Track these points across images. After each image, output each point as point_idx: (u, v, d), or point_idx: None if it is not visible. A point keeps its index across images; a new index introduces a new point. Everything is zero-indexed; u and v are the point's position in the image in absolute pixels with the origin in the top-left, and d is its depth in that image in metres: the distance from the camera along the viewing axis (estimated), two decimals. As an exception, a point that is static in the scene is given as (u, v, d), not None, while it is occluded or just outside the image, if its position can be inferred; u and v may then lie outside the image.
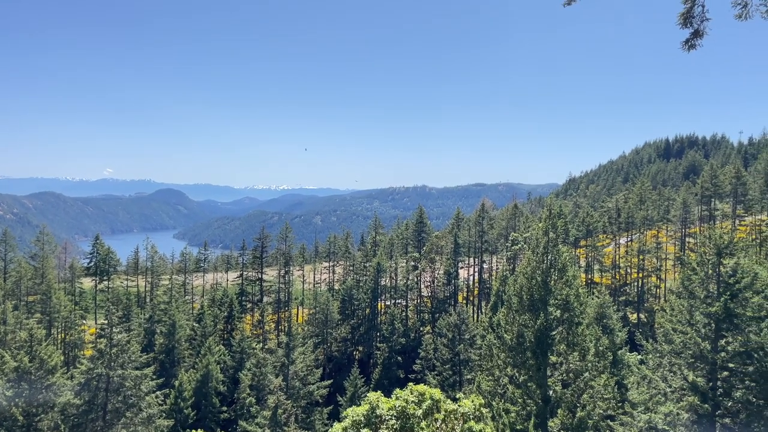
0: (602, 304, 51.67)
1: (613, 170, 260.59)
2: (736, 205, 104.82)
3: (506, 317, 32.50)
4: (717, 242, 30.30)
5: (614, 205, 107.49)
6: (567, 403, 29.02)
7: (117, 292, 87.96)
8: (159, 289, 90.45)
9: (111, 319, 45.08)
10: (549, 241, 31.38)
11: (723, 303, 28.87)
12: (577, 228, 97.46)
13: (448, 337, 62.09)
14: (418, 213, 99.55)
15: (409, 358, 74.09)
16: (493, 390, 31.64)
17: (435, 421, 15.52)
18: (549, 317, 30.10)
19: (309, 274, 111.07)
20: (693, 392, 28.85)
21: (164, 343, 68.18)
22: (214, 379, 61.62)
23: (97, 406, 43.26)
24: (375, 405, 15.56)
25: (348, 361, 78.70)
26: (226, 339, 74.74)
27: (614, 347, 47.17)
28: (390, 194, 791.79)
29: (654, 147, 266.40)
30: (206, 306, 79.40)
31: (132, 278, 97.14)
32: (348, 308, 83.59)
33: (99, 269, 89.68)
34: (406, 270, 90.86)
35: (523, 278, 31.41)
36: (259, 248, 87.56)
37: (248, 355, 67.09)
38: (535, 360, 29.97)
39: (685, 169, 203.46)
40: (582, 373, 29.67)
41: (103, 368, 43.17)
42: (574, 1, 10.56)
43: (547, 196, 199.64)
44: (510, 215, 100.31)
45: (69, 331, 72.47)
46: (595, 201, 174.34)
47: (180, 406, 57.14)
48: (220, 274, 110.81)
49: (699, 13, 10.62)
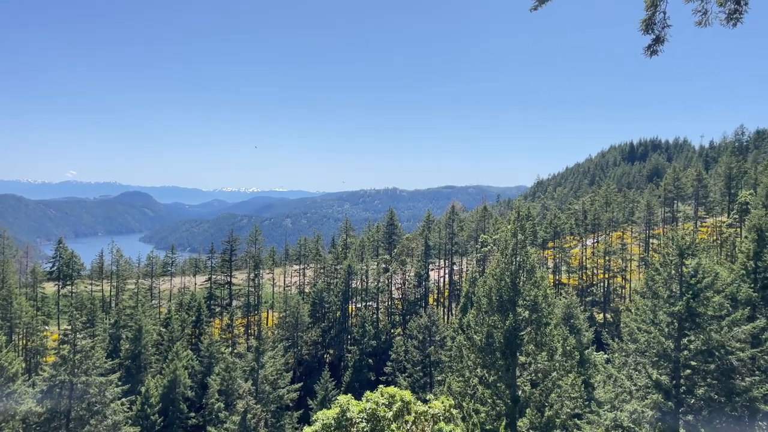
0: (569, 304, 52.52)
1: (579, 173, 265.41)
2: (698, 207, 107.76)
3: (476, 318, 32.76)
4: (679, 243, 31.06)
5: (581, 207, 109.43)
6: (535, 403, 29.38)
7: (81, 297, 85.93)
8: (125, 293, 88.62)
9: (74, 324, 43.96)
10: (517, 243, 31.76)
11: (685, 302, 29.59)
12: (545, 230, 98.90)
13: (419, 338, 62.30)
14: (389, 215, 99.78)
15: (380, 361, 74.08)
16: (463, 391, 31.84)
17: (405, 423, 15.55)
18: (518, 318, 30.45)
19: (279, 277, 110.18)
20: (657, 390, 29.49)
21: (130, 349, 66.80)
22: (181, 385, 60.62)
23: (60, 413, 42.13)
24: (345, 408, 15.53)
25: (319, 365, 78.30)
26: (194, 344, 73.61)
27: (581, 347, 47.99)
28: (361, 196, 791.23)
29: (619, 150, 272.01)
30: (174, 310, 78.08)
31: (96, 283, 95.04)
32: (319, 311, 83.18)
33: (62, 274, 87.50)
34: (377, 272, 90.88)
35: (493, 279, 31.71)
36: (228, 251, 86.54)
37: (217, 359, 66.19)
38: (504, 360, 30.28)
39: (649, 171, 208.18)
40: (550, 372, 30.08)
41: (67, 375, 42.09)
42: (541, 6, 10.71)
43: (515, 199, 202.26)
44: (480, 217, 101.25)
45: (31, 337, 70.54)
46: (562, 203, 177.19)
47: (147, 412, 56.03)
48: (188, 278, 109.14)
49: (661, 20, 10.87)
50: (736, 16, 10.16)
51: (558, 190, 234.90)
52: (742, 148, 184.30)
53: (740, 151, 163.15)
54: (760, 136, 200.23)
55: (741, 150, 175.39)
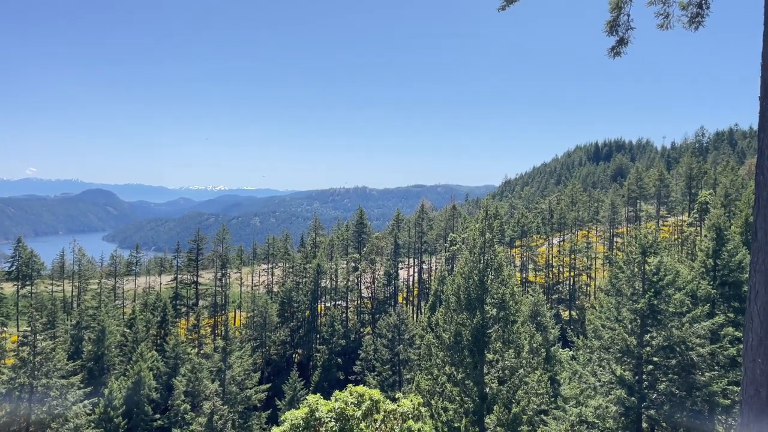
0: (536, 302, 53.25)
1: (546, 173, 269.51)
2: (660, 207, 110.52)
3: (444, 316, 32.95)
4: (642, 242, 31.77)
5: (547, 206, 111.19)
6: (503, 400, 29.71)
7: (41, 298, 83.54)
8: (87, 293, 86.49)
9: (34, 325, 42.73)
10: (485, 242, 32.05)
11: (648, 300, 30.29)
12: (513, 228, 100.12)
13: (388, 337, 62.41)
14: (359, 214, 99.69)
15: (349, 360, 73.96)
16: (431, 389, 32.00)
17: (374, 422, 15.54)
18: (485, 316, 30.73)
19: (247, 276, 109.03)
20: (620, 386, 30.12)
21: (93, 350, 65.25)
22: (146, 386, 59.47)
23: (20, 417, 40.89)
24: (314, 408, 15.44)
25: (287, 365, 77.76)
26: (159, 344, 72.25)
27: (547, 344, 48.74)
28: (330, 195, 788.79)
29: (585, 150, 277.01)
30: (138, 311, 76.53)
31: (57, 283, 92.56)
32: (287, 311, 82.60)
33: (21, 274, 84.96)
34: (346, 271, 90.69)
35: (461, 278, 31.94)
36: (195, 250, 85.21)
37: (183, 360, 65.11)
38: (472, 358, 30.53)
39: (613, 171, 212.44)
40: (517, 369, 30.45)
41: (26, 378, 40.90)
42: (509, 6, 10.81)
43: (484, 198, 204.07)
44: (449, 216, 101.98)
45: (-13, 339, 68.18)
46: (529, 202, 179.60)
47: (110, 415, 54.81)
48: (153, 278, 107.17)
49: (624, 22, 11.09)
50: (698, 20, 10.42)
51: (525, 190, 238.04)
52: (702, 149, 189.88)
53: (700, 152, 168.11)
54: (719, 137, 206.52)
55: (701, 151, 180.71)
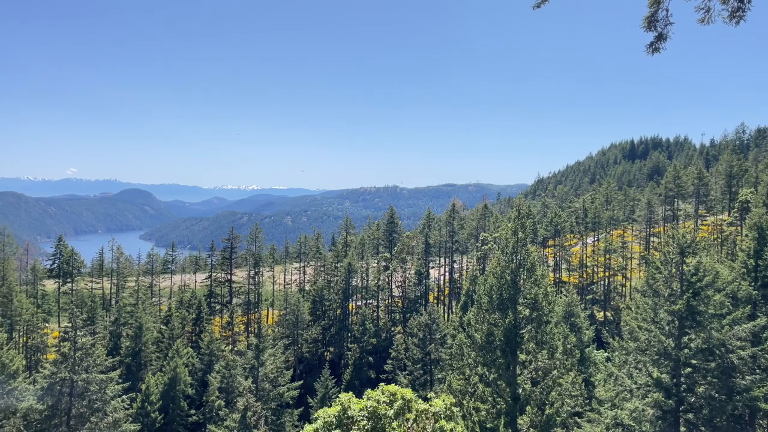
0: (570, 302, 52.52)
1: (580, 171, 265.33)
2: (699, 205, 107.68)
3: (476, 316, 32.76)
4: (680, 242, 31.03)
5: (581, 205, 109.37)
6: (536, 401, 29.39)
7: (81, 295, 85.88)
8: (125, 291, 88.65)
9: (75, 321, 43.98)
10: (518, 241, 31.73)
11: (686, 301, 29.58)
12: (546, 228, 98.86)
13: (419, 336, 62.30)
14: (389, 213, 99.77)
15: (380, 359, 74.10)
16: (463, 389, 31.85)
17: (406, 421, 15.53)
18: (518, 316, 30.45)
19: (279, 275, 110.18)
20: (657, 388, 29.49)
21: (130, 346, 66.84)
22: (182, 382, 60.67)
23: (61, 411, 42.16)
24: (346, 406, 15.51)
25: (319, 363, 78.32)
26: (194, 341, 73.62)
27: (582, 345, 48.02)
28: (361, 194, 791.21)
29: (620, 148, 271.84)
30: (174, 308, 78.09)
31: (97, 280, 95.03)
32: (319, 309, 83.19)
33: (62, 271, 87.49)
34: (377, 270, 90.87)
35: (493, 278, 31.70)
36: (228, 249, 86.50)
37: (217, 357, 66.23)
38: (505, 358, 30.28)
39: (650, 170, 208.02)
40: (550, 370, 30.08)
41: (67, 372, 42.11)
42: (544, 4, 10.68)
43: (516, 197, 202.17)
44: (480, 215, 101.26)
45: (31, 334, 70.56)
46: (562, 201, 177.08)
47: (147, 410, 56.08)
48: (189, 276, 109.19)
49: (663, 17, 10.84)
50: (739, 14, 10.12)
51: (558, 188, 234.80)
52: (743, 147, 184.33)
53: (741, 149, 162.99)
54: (761, 134, 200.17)
55: (742, 148, 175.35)
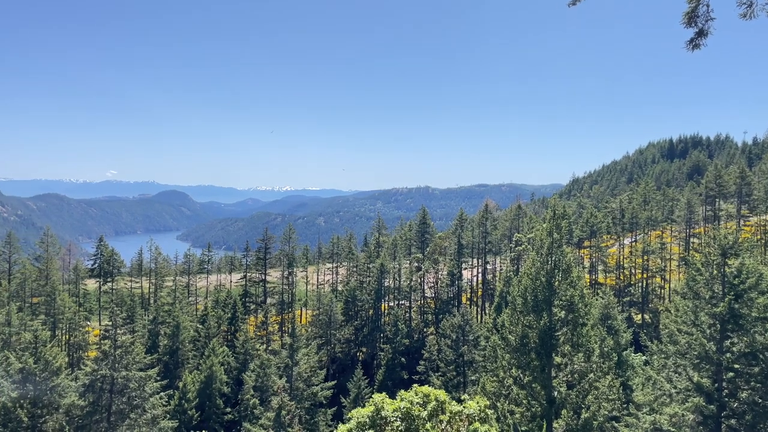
0: (607, 304, 51.61)
1: (616, 171, 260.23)
2: (741, 206, 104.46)
3: (510, 318, 32.44)
4: (722, 243, 30.19)
5: (618, 205, 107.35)
6: (572, 404, 28.95)
7: (121, 294, 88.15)
8: (163, 290, 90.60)
9: (115, 320, 45.17)
10: (553, 242, 31.32)
11: (728, 303, 28.76)
12: (581, 229, 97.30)
13: (452, 338, 62.01)
14: (422, 214, 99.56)
15: (412, 360, 74.01)
16: (497, 391, 31.58)
17: (440, 423, 15.49)
18: (553, 318, 30.04)
19: (312, 275, 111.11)
20: (698, 393, 28.75)
21: (168, 345, 68.26)
22: (218, 381, 61.69)
23: (102, 407, 43.33)
24: (380, 406, 15.55)
25: (352, 363, 78.66)
26: (229, 340, 74.78)
27: (619, 348, 47.13)
28: (393, 195, 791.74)
29: (658, 147, 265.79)
30: (210, 307, 79.49)
31: (136, 280, 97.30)
32: (351, 309, 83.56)
33: (103, 271, 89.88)
34: (409, 271, 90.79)
35: (527, 279, 31.35)
36: (263, 249, 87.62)
37: (252, 356, 67.13)
38: (540, 361, 29.91)
39: (689, 169, 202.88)
40: (587, 374, 29.60)
41: (108, 369, 43.25)
42: (579, 2, 10.54)
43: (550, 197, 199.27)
44: (513, 216, 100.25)
45: (73, 332, 72.65)
46: (598, 201, 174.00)
47: (184, 407, 57.20)
48: (224, 276, 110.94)
49: (704, 13, 10.58)
50: (785, 8, 9.81)
51: (594, 188, 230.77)
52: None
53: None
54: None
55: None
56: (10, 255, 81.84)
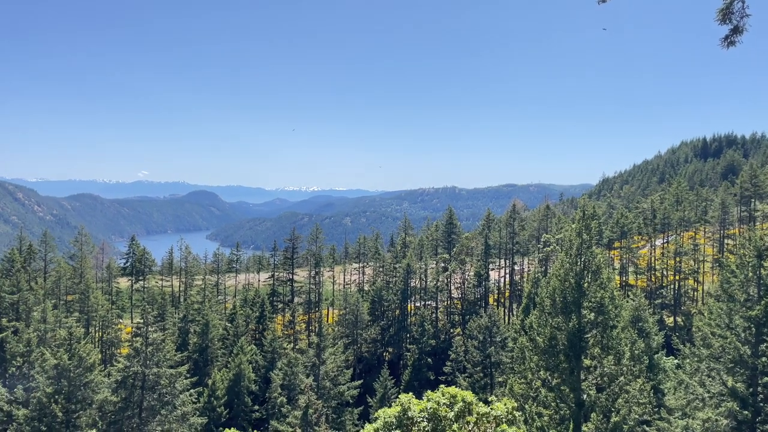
0: (638, 307, 50.73)
1: (648, 170, 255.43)
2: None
3: (538, 320, 32.12)
4: (757, 244, 29.44)
5: (650, 205, 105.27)
6: (601, 408, 28.54)
7: (152, 292, 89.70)
8: (192, 289, 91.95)
9: (146, 318, 46.05)
10: (582, 243, 30.92)
11: (764, 306, 28.04)
12: (611, 229, 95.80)
13: (479, 339, 61.66)
14: (448, 214, 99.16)
15: (439, 360, 73.82)
16: (525, 393, 31.30)
17: (467, 424, 15.43)
18: (582, 320, 29.65)
19: (339, 275, 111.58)
20: (732, 398, 28.08)
21: (198, 343, 69.30)
22: (246, 379, 62.38)
23: (134, 403, 44.20)
24: (406, 406, 15.56)
25: (378, 362, 78.80)
26: (257, 339, 75.59)
27: (650, 351, 46.28)
28: (419, 195, 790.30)
29: (691, 146, 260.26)
30: (238, 306, 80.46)
31: (166, 278, 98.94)
32: (378, 309, 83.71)
33: (135, 269, 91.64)
34: (435, 271, 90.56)
35: (556, 280, 31.01)
36: (290, 249, 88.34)
37: (279, 354, 67.76)
38: (569, 363, 29.56)
39: (724, 168, 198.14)
40: (617, 377, 29.15)
41: (139, 366, 44.11)
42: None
43: (579, 197, 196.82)
44: (542, 216, 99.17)
45: (106, 329, 74.24)
46: (629, 202, 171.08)
47: (213, 404, 58.01)
48: (252, 275, 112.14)
49: (739, 9, 10.36)
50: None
51: (625, 188, 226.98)
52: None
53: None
54: None
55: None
56: (45, 253, 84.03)
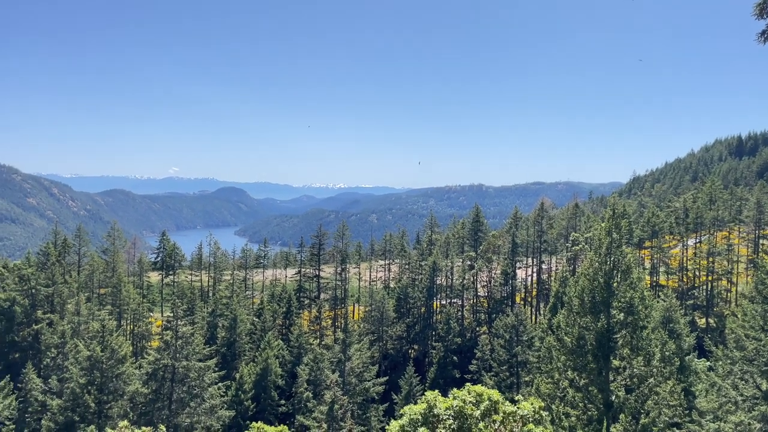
0: (669, 307, 49.84)
1: (680, 169, 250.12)
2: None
3: (566, 319, 31.77)
4: (795, 245, 28.67)
5: (682, 204, 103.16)
6: (630, 409, 28.12)
7: (182, 286, 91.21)
8: (221, 284, 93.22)
9: (176, 312, 46.89)
10: (612, 242, 30.46)
11: (802, 309, 27.28)
12: (642, 228, 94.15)
13: (505, 338, 61.26)
14: (475, 212, 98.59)
15: (464, 358, 73.55)
16: (552, 393, 31.00)
17: (493, 423, 15.36)
18: (611, 320, 29.23)
19: (365, 272, 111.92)
20: (766, 401, 27.40)
21: (226, 337, 70.26)
22: (273, 373, 63.06)
23: (164, 395, 45.05)
24: (432, 404, 15.56)
25: (403, 360, 78.87)
26: (284, 334, 76.33)
27: (681, 353, 45.42)
28: (446, 193, 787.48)
29: (725, 144, 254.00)
30: (266, 301, 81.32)
31: (196, 273, 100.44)
32: (403, 306, 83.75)
33: (165, 264, 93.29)
34: (462, 269, 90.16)
35: (585, 279, 30.62)
36: (317, 246, 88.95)
37: (305, 350, 68.29)
38: (597, 364, 29.18)
39: (759, 167, 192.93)
40: (646, 378, 28.67)
41: (169, 359, 44.92)
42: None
43: (609, 196, 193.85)
44: (570, 215, 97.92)
45: (137, 322, 75.70)
46: (661, 201, 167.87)
47: (240, 398, 58.79)
48: (279, 271, 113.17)
49: (779, 3, 10.08)
50: None
51: (656, 187, 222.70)
52: None
53: None
54: None
55: None
56: (79, 248, 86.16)
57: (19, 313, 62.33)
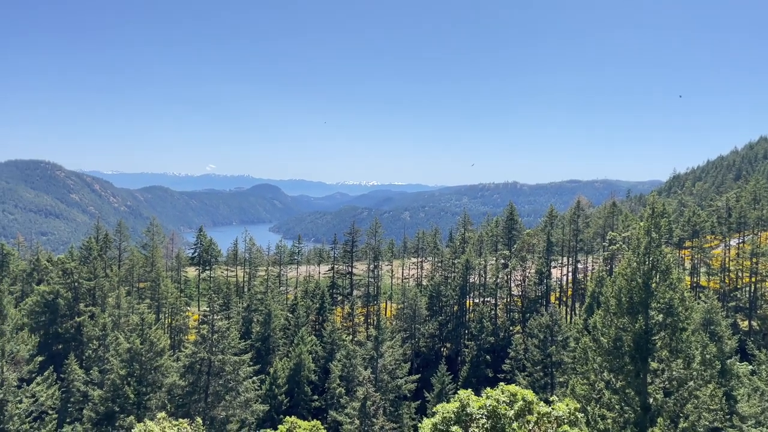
0: (710, 309, 48.54)
1: (723, 167, 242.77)
2: None
3: (603, 320, 31.22)
4: None
5: (724, 204, 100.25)
6: (668, 413, 27.49)
7: (218, 282, 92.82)
8: (256, 279, 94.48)
9: (213, 306, 47.78)
10: (651, 242, 29.79)
11: None
12: (682, 228, 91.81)
13: (540, 337, 60.53)
14: (509, 210, 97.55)
15: (497, 358, 72.96)
16: (587, 394, 30.51)
17: (527, 423, 15.22)
18: (650, 321, 28.61)
19: (397, 269, 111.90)
20: (814, 409, 26.45)
21: (260, 332, 71.22)
22: (306, 369, 63.66)
23: (200, 388, 45.96)
24: (465, 403, 15.50)
25: (435, 358, 78.66)
26: (317, 330, 76.97)
27: (723, 356, 44.15)
28: (479, 191, 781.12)
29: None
30: (299, 297, 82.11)
31: (231, 269, 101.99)
32: (436, 304, 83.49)
33: (202, 259, 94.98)
34: (495, 268, 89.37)
35: (622, 280, 30.02)
36: (350, 243, 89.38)
37: (338, 346, 68.73)
38: (634, 365, 28.60)
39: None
40: (686, 381, 27.98)
41: (206, 353, 45.81)
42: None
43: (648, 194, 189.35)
44: (607, 213, 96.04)
45: (175, 316, 77.30)
46: (702, 199, 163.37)
47: (274, 392, 59.52)
48: (313, 267, 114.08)
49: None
50: None
51: (697, 185, 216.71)
52: None
53: None
54: None
55: None
56: (120, 242, 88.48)
57: (62, 306, 64.45)
